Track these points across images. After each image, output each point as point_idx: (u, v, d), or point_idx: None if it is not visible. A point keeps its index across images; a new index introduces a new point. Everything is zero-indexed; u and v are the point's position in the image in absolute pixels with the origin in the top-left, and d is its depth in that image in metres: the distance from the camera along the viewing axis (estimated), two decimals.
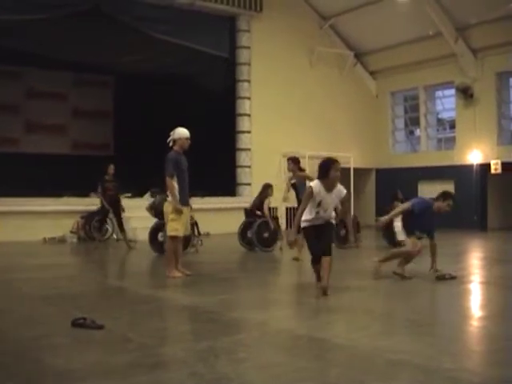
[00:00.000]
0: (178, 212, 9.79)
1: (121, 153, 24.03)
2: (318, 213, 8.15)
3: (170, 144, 10.21)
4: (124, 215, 16.80)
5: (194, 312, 7.23)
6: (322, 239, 8.26)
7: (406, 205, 9.90)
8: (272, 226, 15.06)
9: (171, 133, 10.18)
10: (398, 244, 12.75)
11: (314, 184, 8.20)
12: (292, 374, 4.59)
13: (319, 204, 8.11)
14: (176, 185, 10.00)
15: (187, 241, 13.07)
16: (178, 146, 10.09)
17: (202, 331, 6.12)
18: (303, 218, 8.27)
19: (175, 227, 9.86)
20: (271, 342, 5.75)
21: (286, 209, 22.70)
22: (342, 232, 14.85)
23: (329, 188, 8.12)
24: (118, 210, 16.49)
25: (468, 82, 23.67)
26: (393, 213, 10.17)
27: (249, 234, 15.13)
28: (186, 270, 10.03)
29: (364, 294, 8.68)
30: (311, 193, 8.06)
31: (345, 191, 8.32)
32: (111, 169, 16.66)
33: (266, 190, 15.26)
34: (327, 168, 8.12)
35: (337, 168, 8.14)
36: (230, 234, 18.92)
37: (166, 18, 20.68)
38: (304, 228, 8.44)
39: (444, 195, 9.91)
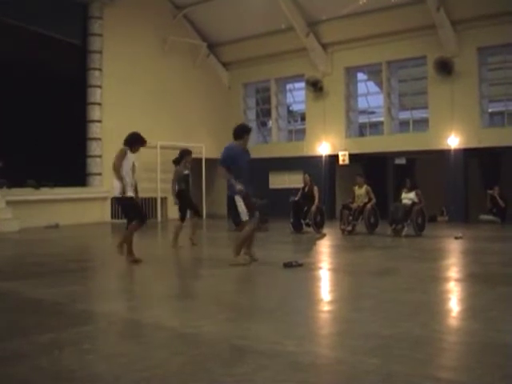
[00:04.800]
0: None
1: None
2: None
3: None
4: None
5: (39, 304, 7.01)
6: None
7: None
8: None
9: None
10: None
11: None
12: (137, 364, 4.55)
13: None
14: None
15: None
16: None
17: (46, 324, 5.95)
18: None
19: None
20: (117, 333, 5.69)
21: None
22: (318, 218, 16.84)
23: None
24: None
25: (318, 75, 24.35)
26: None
27: None
28: None
29: (213, 282, 8.75)
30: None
31: None
32: None
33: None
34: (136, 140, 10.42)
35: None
36: (81, 225, 18.58)
37: (15, 2, 19.87)
38: None
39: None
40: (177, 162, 13.53)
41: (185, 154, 13.57)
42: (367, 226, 16.59)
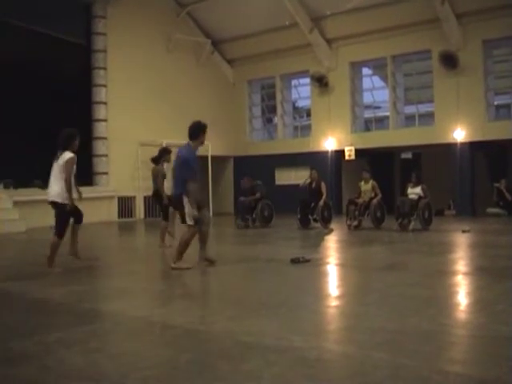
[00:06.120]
0: None
1: None
2: None
3: None
4: None
5: (46, 304, 7.02)
6: None
7: None
8: None
9: None
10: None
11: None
12: (144, 362, 4.55)
13: None
14: None
15: None
16: None
17: (52, 323, 5.96)
18: None
19: None
20: (124, 331, 5.69)
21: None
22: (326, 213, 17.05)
23: None
24: None
25: (323, 71, 24.31)
26: None
27: None
28: None
29: (218, 279, 8.74)
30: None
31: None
32: None
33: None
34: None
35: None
36: (88, 224, 18.51)
37: (19, 3, 19.89)
38: None
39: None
40: (156, 160, 13.29)
41: (164, 152, 13.24)
42: (373, 220, 16.56)
